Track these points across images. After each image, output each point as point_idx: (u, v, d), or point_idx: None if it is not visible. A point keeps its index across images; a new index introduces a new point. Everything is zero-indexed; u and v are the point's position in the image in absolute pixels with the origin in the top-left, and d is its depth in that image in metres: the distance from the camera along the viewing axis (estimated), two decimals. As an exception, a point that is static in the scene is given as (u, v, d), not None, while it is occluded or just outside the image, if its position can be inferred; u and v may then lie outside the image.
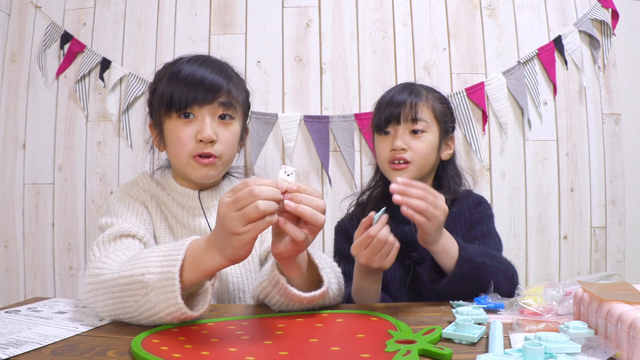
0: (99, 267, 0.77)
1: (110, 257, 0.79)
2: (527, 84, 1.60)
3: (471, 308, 0.75)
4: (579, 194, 1.62)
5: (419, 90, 1.14)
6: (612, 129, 1.65)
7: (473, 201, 1.18)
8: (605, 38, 1.66)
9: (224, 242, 0.67)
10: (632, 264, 1.65)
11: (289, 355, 0.58)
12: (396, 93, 1.14)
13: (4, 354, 0.58)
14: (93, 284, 0.76)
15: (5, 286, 1.64)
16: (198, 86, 0.94)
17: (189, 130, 0.95)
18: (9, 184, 1.65)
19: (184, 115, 0.96)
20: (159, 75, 1.03)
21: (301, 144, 1.59)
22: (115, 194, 1.05)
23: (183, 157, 0.97)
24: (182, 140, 0.96)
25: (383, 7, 1.63)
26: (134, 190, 1.04)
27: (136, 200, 1.02)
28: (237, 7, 1.63)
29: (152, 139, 1.08)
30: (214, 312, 0.85)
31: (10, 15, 1.69)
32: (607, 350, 0.55)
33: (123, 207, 1.00)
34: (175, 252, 0.70)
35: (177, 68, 0.98)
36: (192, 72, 0.95)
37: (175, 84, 0.96)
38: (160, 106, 0.98)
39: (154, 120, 1.05)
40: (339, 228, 1.26)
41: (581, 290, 0.67)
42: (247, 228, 0.65)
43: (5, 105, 1.67)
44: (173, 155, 1.00)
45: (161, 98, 0.98)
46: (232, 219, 0.65)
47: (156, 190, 1.05)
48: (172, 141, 0.98)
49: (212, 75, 0.96)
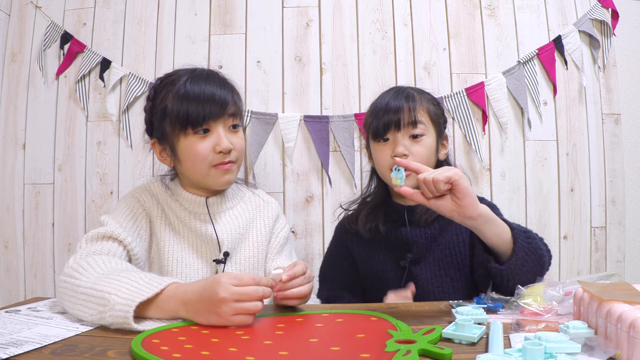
0: (77, 271, 0.82)
1: (91, 265, 0.84)
2: (527, 84, 1.60)
3: (471, 308, 0.75)
4: (579, 194, 1.62)
5: (412, 94, 1.14)
6: (612, 129, 1.65)
7: None
8: (605, 38, 1.66)
9: (201, 312, 0.73)
10: (632, 264, 1.65)
11: (289, 355, 0.58)
12: (391, 99, 1.13)
13: (4, 353, 0.58)
14: (67, 283, 0.82)
15: (5, 286, 1.64)
16: (210, 103, 1.01)
17: (207, 144, 1.02)
18: (9, 184, 1.65)
19: (202, 132, 1.01)
20: (160, 94, 1.05)
21: (301, 144, 1.59)
22: (126, 196, 1.11)
23: (204, 170, 1.03)
24: (202, 154, 1.02)
25: (383, 7, 1.63)
26: (143, 195, 1.09)
27: (141, 206, 1.07)
28: (237, 7, 1.63)
29: (157, 155, 1.10)
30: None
31: (10, 15, 1.69)
32: (607, 350, 0.55)
33: (126, 210, 1.05)
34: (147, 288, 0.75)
35: (183, 88, 1.01)
36: (201, 90, 1.01)
37: (188, 103, 1.00)
38: (173, 125, 1.01)
39: (160, 138, 1.07)
40: (337, 231, 1.27)
41: (581, 290, 0.67)
42: (236, 320, 0.72)
43: (5, 105, 1.67)
44: (192, 169, 1.05)
45: (176, 118, 1.01)
46: (230, 308, 0.71)
47: (165, 196, 1.10)
48: (190, 156, 1.03)
49: (219, 91, 1.03)
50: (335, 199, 1.58)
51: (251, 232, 1.13)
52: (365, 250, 1.18)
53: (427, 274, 1.10)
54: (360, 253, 1.19)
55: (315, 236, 1.57)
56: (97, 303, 0.75)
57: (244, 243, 1.11)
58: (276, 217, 1.20)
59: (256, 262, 1.12)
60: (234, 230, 1.09)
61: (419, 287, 1.09)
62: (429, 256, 1.10)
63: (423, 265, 1.11)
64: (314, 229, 1.57)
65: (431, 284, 1.10)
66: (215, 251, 1.07)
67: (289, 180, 1.58)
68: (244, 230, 1.11)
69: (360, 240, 1.18)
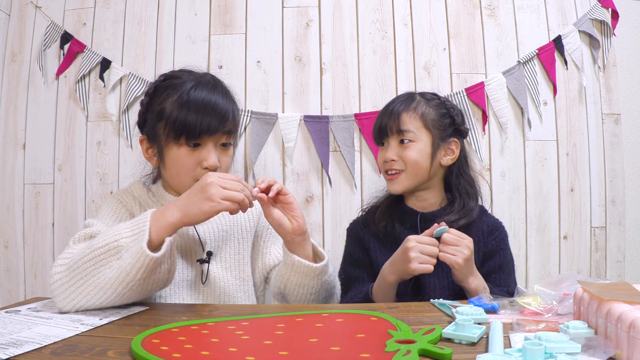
0: (66, 257, 0.85)
1: (75, 249, 0.87)
2: (527, 84, 1.60)
3: (470, 308, 0.75)
4: (579, 194, 1.62)
5: (411, 99, 1.17)
6: (612, 129, 1.65)
7: (488, 227, 1.16)
8: (605, 38, 1.66)
9: (193, 203, 0.84)
10: (632, 264, 1.65)
11: (289, 355, 0.58)
12: (391, 103, 1.20)
13: (4, 354, 0.58)
14: (62, 272, 0.83)
15: (5, 286, 1.64)
16: (210, 116, 0.99)
17: (194, 158, 1.01)
18: (9, 184, 1.65)
19: (193, 145, 1.00)
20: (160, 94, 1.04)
21: (301, 144, 1.59)
22: (108, 199, 1.11)
23: (186, 182, 1.01)
24: (188, 167, 1.01)
25: (383, 7, 1.63)
26: (125, 197, 1.09)
27: (124, 207, 1.07)
28: (237, 7, 1.63)
29: (142, 152, 1.10)
30: (214, 312, 0.85)
31: (10, 15, 1.69)
32: (607, 350, 0.55)
33: (110, 211, 1.05)
34: (143, 217, 0.84)
35: (186, 96, 0.99)
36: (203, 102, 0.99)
37: (187, 113, 0.98)
38: (167, 131, 1.00)
39: (151, 137, 1.06)
40: (351, 231, 1.27)
41: (581, 290, 0.67)
42: (224, 203, 0.84)
43: (5, 105, 1.67)
44: (175, 178, 1.04)
45: (172, 124, 0.99)
46: (217, 190, 0.84)
47: (146, 198, 1.10)
48: (176, 166, 1.02)
49: (220, 106, 1.01)
50: (335, 199, 1.58)
51: (235, 230, 1.12)
52: (379, 246, 1.18)
53: (434, 282, 1.11)
54: (375, 251, 1.19)
55: (316, 236, 1.57)
56: (108, 255, 0.80)
57: (228, 241, 1.10)
58: (260, 213, 1.16)
59: (241, 260, 1.11)
60: (216, 229, 1.08)
61: (425, 294, 1.10)
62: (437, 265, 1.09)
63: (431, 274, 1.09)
64: (314, 229, 1.57)
65: (438, 293, 1.10)
66: (199, 251, 1.06)
67: (289, 180, 1.58)
68: (228, 227, 1.11)
69: (375, 237, 1.19)
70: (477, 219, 1.15)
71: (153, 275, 0.82)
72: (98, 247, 0.81)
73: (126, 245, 0.79)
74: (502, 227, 1.19)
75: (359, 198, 1.56)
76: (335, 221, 1.58)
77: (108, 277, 0.79)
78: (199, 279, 1.05)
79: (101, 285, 0.80)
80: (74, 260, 0.83)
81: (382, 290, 1.05)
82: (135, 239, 0.80)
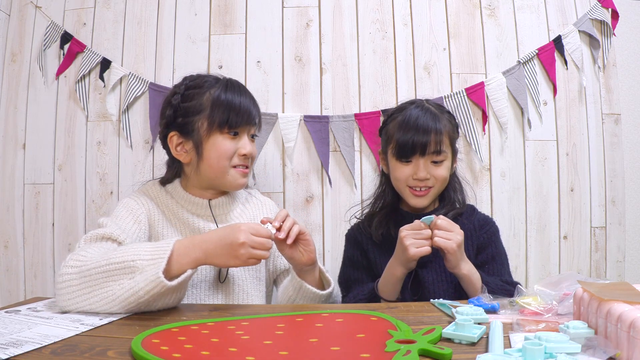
0: (79, 260, 0.86)
1: (89, 252, 0.88)
2: (527, 84, 1.60)
3: (470, 308, 0.75)
4: (579, 194, 1.62)
5: (439, 116, 1.16)
6: (612, 128, 1.65)
7: (479, 221, 1.21)
8: (605, 38, 1.66)
9: (220, 256, 0.88)
10: (632, 264, 1.65)
11: (289, 355, 0.58)
12: (420, 117, 1.13)
13: (4, 354, 0.58)
14: (73, 273, 0.84)
15: (5, 286, 1.64)
16: (244, 111, 1.10)
17: (234, 145, 1.10)
18: (9, 184, 1.65)
19: (234, 134, 1.10)
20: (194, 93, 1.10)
21: (301, 144, 1.59)
22: (123, 199, 1.13)
23: (225, 168, 1.10)
24: (230, 153, 1.09)
25: (383, 7, 1.63)
26: (141, 198, 1.12)
27: (140, 208, 1.09)
28: (237, 7, 1.63)
29: (172, 150, 1.12)
30: (214, 312, 0.85)
31: (10, 15, 1.69)
32: (607, 350, 0.55)
33: (125, 212, 1.07)
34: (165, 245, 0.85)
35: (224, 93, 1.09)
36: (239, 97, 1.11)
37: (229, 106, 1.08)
38: (210, 123, 1.08)
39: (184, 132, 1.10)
40: (350, 237, 1.29)
41: (581, 290, 0.67)
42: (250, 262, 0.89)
43: (5, 105, 1.67)
44: (214, 165, 1.09)
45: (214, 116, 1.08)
46: (247, 251, 0.87)
47: (164, 198, 1.13)
48: (217, 153, 1.09)
49: (249, 102, 1.13)
50: (335, 199, 1.58)
51: None
52: (377, 250, 1.20)
53: (433, 277, 1.13)
54: (373, 253, 1.21)
55: (316, 236, 1.57)
56: (123, 273, 0.80)
57: None
58: (275, 212, 1.23)
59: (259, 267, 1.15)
60: None
61: (424, 289, 1.12)
62: (435, 260, 1.12)
63: (429, 269, 1.13)
64: (314, 229, 1.57)
65: (437, 287, 1.12)
66: None
67: (289, 180, 1.58)
68: None
69: (373, 242, 1.22)
70: (468, 215, 1.20)
71: (162, 299, 0.83)
72: (114, 262, 0.81)
73: (142, 267, 0.80)
74: (492, 222, 1.24)
75: (359, 198, 1.56)
76: (335, 221, 1.58)
77: (117, 294, 0.80)
78: (217, 278, 1.07)
79: (108, 299, 0.81)
80: (88, 266, 0.83)
81: (389, 285, 1.07)
82: (153, 264, 0.81)
